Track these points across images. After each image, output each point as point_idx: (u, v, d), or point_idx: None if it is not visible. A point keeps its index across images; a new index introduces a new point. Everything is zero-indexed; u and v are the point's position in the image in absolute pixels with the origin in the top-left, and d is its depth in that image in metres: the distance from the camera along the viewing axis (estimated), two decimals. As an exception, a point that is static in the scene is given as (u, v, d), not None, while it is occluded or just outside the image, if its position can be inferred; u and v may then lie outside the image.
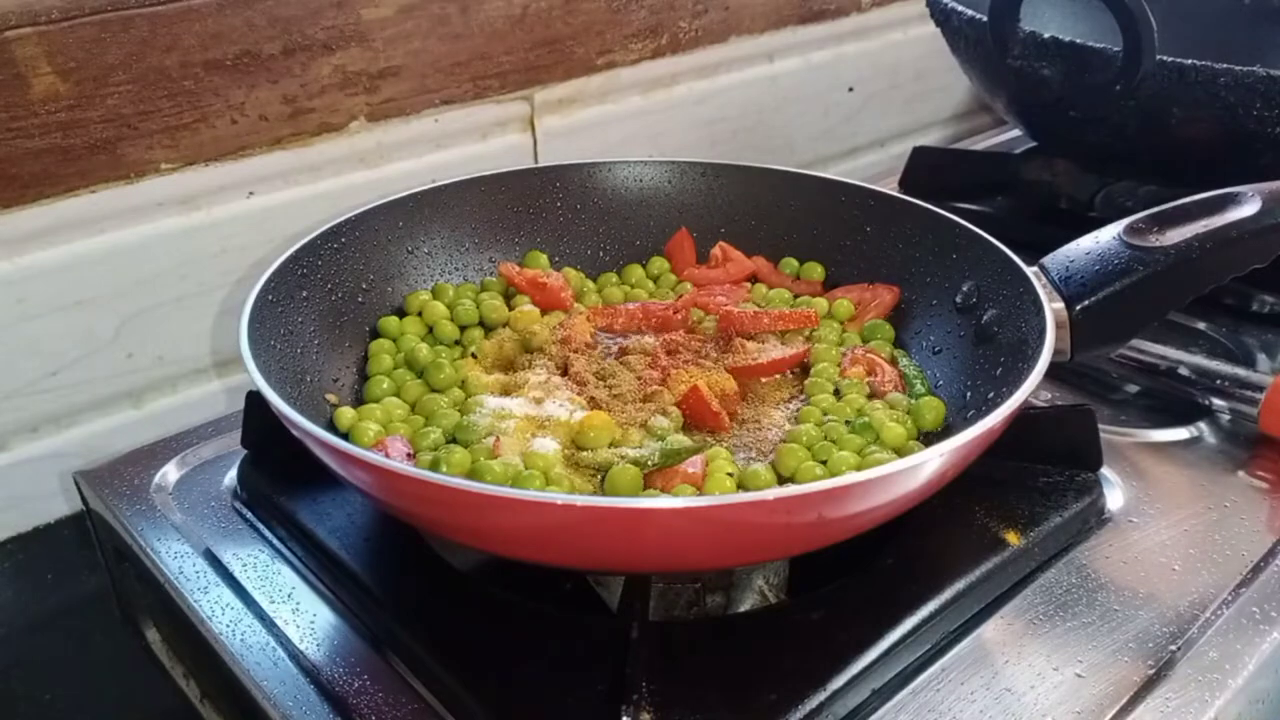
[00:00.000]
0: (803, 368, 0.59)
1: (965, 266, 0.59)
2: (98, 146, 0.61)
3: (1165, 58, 0.64)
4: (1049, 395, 0.63)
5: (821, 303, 0.64)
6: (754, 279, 0.67)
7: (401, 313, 0.62)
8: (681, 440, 0.51)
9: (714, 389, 0.55)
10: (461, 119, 0.76)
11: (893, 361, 0.59)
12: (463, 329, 0.61)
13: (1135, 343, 0.63)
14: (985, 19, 0.72)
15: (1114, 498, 0.55)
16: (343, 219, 0.60)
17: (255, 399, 0.55)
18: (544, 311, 0.62)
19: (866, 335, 0.62)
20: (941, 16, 0.79)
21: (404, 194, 0.63)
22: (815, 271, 0.67)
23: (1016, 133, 0.99)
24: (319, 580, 0.51)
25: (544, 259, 0.67)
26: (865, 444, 0.52)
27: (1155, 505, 0.55)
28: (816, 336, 0.61)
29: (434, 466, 0.48)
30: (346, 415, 0.53)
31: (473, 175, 0.66)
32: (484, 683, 0.43)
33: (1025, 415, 0.48)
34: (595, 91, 0.83)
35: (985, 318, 0.57)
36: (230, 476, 0.58)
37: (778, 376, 0.59)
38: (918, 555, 0.50)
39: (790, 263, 0.68)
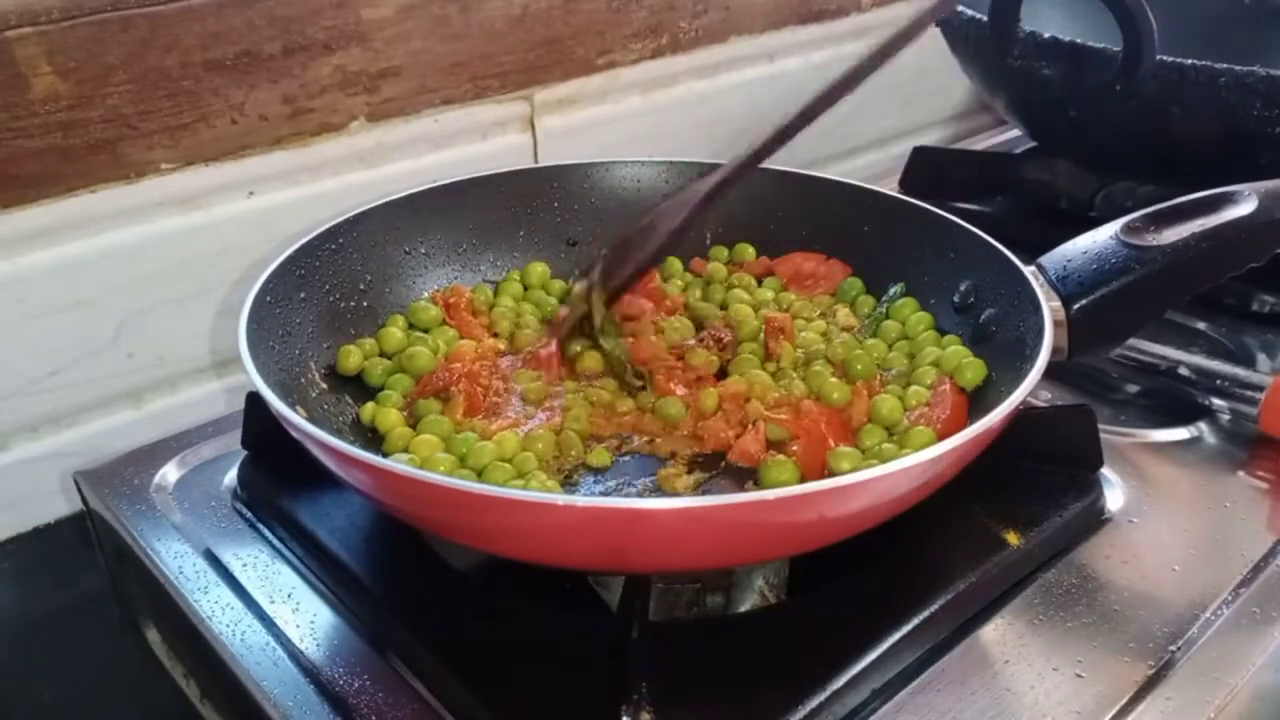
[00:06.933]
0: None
1: (963, 266, 0.59)
2: (98, 146, 0.61)
3: (1165, 58, 0.64)
4: (1049, 395, 0.63)
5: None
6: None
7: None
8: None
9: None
10: (461, 119, 0.76)
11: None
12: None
13: (1135, 343, 0.63)
14: (985, 19, 0.72)
15: (1114, 498, 0.55)
16: (340, 220, 0.60)
17: (255, 399, 0.55)
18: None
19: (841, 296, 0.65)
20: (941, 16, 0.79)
21: (401, 194, 0.63)
22: (747, 253, 0.69)
23: (1016, 133, 0.99)
24: (319, 580, 0.51)
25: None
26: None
27: (1155, 505, 0.55)
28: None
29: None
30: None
31: (470, 175, 0.66)
32: (484, 683, 0.43)
33: (1025, 415, 0.48)
34: (595, 91, 0.83)
35: (983, 317, 0.57)
36: (230, 476, 0.58)
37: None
38: (918, 555, 0.50)
39: (720, 251, 0.69)
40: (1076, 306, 0.51)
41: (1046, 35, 0.69)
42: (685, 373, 0.57)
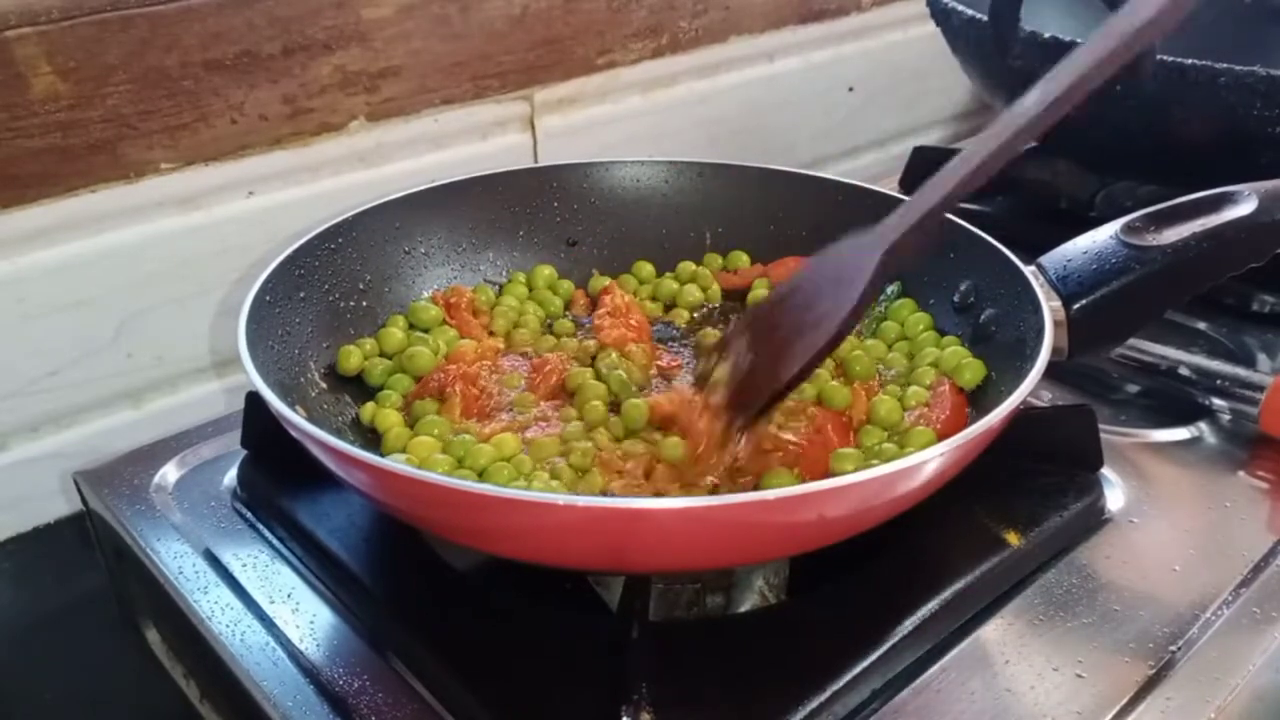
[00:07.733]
0: None
1: (963, 266, 0.59)
2: (98, 146, 0.61)
3: (1165, 58, 0.64)
4: (1049, 395, 0.63)
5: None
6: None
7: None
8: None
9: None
10: (461, 119, 0.76)
11: None
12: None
13: (1135, 343, 0.63)
14: (985, 19, 0.72)
15: (1114, 498, 0.55)
16: (339, 220, 0.60)
17: (255, 399, 0.55)
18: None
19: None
20: (941, 16, 0.79)
21: (400, 194, 0.63)
22: (741, 260, 0.68)
23: (1016, 132, 0.99)
24: (319, 580, 0.51)
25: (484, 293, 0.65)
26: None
27: (1155, 505, 0.55)
28: None
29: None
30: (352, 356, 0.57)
31: (469, 175, 0.66)
32: (484, 683, 0.43)
33: (1025, 415, 0.48)
34: (595, 91, 0.83)
35: (983, 317, 0.57)
36: (230, 476, 0.58)
37: None
38: (918, 555, 0.50)
39: (714, 259, 0.69)
40: (1076, 306, 0.51)
41: (1046, 35, 0.69)
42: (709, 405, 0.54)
